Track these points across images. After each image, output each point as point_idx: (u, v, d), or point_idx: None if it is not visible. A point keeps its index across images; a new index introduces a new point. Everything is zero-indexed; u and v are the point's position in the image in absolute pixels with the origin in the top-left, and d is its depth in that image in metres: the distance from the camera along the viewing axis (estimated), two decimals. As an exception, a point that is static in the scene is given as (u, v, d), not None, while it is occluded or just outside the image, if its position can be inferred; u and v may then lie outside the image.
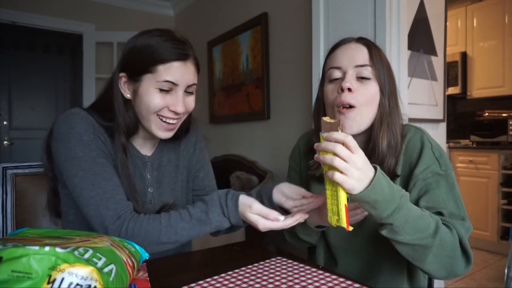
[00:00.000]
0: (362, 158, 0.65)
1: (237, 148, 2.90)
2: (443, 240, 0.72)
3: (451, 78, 3.73)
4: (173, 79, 0.81)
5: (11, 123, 4.51)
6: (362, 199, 0.66)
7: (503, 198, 3.13)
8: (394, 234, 0.71)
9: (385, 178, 0.68)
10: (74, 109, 0.85)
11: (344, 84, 0.82)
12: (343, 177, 0.64)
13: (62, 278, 0.45)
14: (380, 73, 0.84)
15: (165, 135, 0.87)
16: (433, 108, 1.78)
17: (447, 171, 0.82)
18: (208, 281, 0.73)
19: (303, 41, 2.15)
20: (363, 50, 0.85)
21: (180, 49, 0.82)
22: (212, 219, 0.80)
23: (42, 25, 3.36)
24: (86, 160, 0.80)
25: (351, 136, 0.64)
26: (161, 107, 0.83)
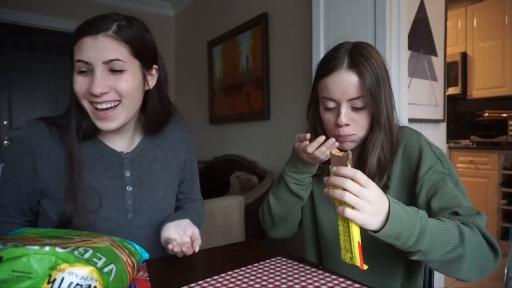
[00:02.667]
0: (375, 191, 0.63)
1: (237, 148, 2.90)
2: (470, 242, 0.69)
3: (451, 78, 3.73)
4: (83, 58, 0.73)
5: (11, 123, 4.50)
6: (386, 235, 0.64)
7: (503, 198, 3.13)
8: (425, 256, 0.68)
9: (399, 205, 0.66)
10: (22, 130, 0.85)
11: (341, 121, 0.83)
12: (355, 213, 0.62)
13: (62, 278, 0.45)
14: (373, 98, 0.81)
15: (104, 126, 0.79)
16: (433, 108, 1.78)
17: (450, 169, 0.83)
18: (208, 281, 0.73)
19: (303, 41, 2.15)
20: (354, 80, 0.81)
21: (91, 24, 0.75)
22: None
23: (42, 25, 3.36)
24: (7, 168, 0.85)
25: (360, 171, 0.62)
26: (83, 92, 0.76)
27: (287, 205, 0.95)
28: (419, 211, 0.69)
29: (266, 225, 1.02)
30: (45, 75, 4.66)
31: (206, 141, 3.36)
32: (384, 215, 0.63)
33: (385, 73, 0.85)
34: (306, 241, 1.04)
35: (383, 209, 0.63)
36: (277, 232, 1.02)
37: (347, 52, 0.83)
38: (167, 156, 0.96)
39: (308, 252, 1.03)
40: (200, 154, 3.34)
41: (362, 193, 0.61)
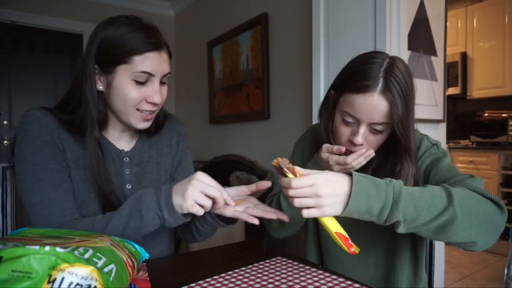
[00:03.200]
0: (321, 183, 0.62)
1: (237, 148, 2.90)
2: (463, 200, 0.66)
3: (451, 78, 3.73)
4: (150, 70, 0.79)
5: (11, 123, 4.51)
6: (353, 212, 0.63)
7: (503, 198, 3.13)
8: (411, 225, 0.65)
9: (367, 178, 0.65)
10: (30, 111, 0.81)
11: (357, 141, 0.81)
12: (312, 211, 0.63)
13: (62, 278, 0.45)
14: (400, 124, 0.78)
15: (143, 126, 0.85)
16: (433, 108, 1.78)
17: (444, 152, 0.85)
18: (208, 281, 0.73)
19: (303, 41, 2.15)
20: (384, 106, 0.77)
21: (154, 38, 0.80)
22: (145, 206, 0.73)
23: (42, 25, 3.36)
24: (36, 165, 0.77)
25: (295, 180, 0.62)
26: (139, 100, 0.81)
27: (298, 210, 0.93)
28: (392, 180, 0.66)
29: (272, 227, 1.00)
30: (45, 75, 4.67)
31: (206, 141, 3.36)
32: (343, 200, 0.63)
33: (413, 96, 0.82)
34: (308, 241, 1.04)
35: (341, 195, 0.63)
36: (283, 234, 1.00)
37: (383, 73, 0.78)
38: (162, 155, 0.97)
39: (309, 252, 1.03)
40: (200, 154, 3.34)
41: (307, 193, 0.62)
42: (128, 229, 0.74)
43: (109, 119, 0.88)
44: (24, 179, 0.77)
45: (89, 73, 0.80)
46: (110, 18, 0.82)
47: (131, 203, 0.74)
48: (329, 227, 0.64)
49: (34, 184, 0.76)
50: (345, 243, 0.64)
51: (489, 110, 3.65)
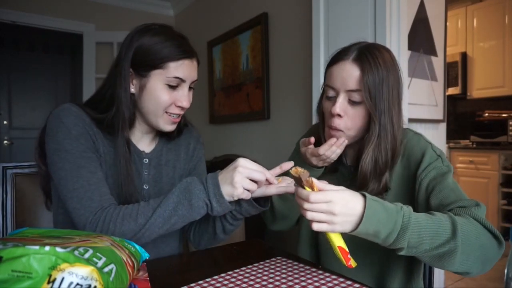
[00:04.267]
0: (338, 202, 0.63)
1: (237, 148, 2.90)
2: (465, 234, 0.67)
3: (451, 78, 3.73)
4: (182, 76, 0.85)
5: (11, 123, 4.51)
6: (361, 234, 0.65)
7: (503, 199, 3.13)
8: (412, 250, 0.67)
9: (379, 203, 0.66)
10: (65, 105, 0.85)
11: (334, 110, 0.83)
12: (322, 226, 0.64)
13: (62, 278, 0.45)
14: (371, 95, 0.81)
15: (170, 128, 0.90)
16: (433, 108, 1.78)
17: (449, 166, 0.83)
18: (208, 281, 0.73)
19: (303, 41, 2.15)
20: (356, 72, 0.82)
21: (188, 47, 0.87)
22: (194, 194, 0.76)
23: (42, 25, 3.36)
24: (73, 153, 0.80)
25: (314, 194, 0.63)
26: (169, 103, 0.86)
27: (290, 204, 0.95)
28: (403, 207, 0.68)
29: (266, 219, 1.03)
30: (45, 75, 4.67)
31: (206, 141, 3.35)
32: (356, 219, 0.64)
33: (394, 78, 0.84)
34: (301, 237, 1.04)
35: (353, 215, 0.64)
36: (277, 226, 1.03)
37: (358, 48, 0.85)
38: (179, 160, 1.01)
39: (301, 249, 1.03)
40: (200, 154, 3.34)
41: (322, 209, 0.63)
42: (175, 216, 0.76)
43: (136, 121, 0.92)
44: (62, 167, 0.79)
45: (124, 76, 0.85)
46: (145, 26, 0.88)
47: (180, 192, 0.77)
48: (333, 241, 0.66)
49: (73, 171, 0.79)
50: (344, 257, 0.66)
51: (489, 110, 3.65)
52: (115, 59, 0.88)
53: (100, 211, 0.77)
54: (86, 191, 0.78)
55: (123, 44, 0.87)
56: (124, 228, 0.75)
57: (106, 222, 0.75)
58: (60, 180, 0.80)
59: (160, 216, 0.76)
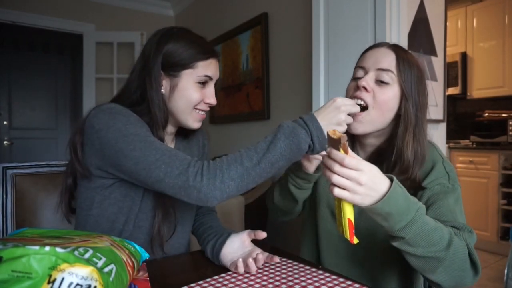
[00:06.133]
0: (367, 174, 0.63)
1: (237, 148, 2.88)
2: (455, 252, 0.70)
3: (451, 78, 3.73)
4: (211, 74, 0.91)
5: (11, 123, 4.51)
6: (374, 212, 0.65)
7: (503, 198, 3.13)
8: (406, 247, 0.69)
9: (402, 190, 0.67)
10: (107, 103, 0.86)
11: (360, 83, 0.83)
12: (344, 193, 0.63)
13: (62, 278, 0.45)
14: (407, 79, 0.82)
15: (198, 125, 0.94)
16: (433, 108, 1.77)
17: (454, 186, 0.82)
18: (208, 281, 0.74)
19: (303, 41, 2.15)
20: (391, 55, 0.84)
21: (212, 47, 0.94)
22: (298, 133, 0.75)
23: (42, 25, 3.36)
24: (140, 134, 0.79)
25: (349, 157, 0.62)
26: (199, 100, 0.90)
27: (286, 202, 0.99)
28: (419, 203, 0.69)
29: (269, 208, 1.08)
30: (45, 75, 4.67)
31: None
32: (377, 196, 0.64)
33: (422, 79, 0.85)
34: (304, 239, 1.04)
35: (377, 191, 0.64)
36: (277, 217, 1.07)
37: (392, 44, 0.88)
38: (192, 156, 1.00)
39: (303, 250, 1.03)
40: (200, 154, 3.34)
41: (350, 176, 0.62)
42: (282, 160, 0.75)
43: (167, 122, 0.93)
44: (135, 148, 0.77)
45: (155, 78, 0.88)
46: (167, 30, 0.92)
47: (286, 137, 0.75)
48: (345, 212, 0.65)
49: (149, 147, 0.77)
50: (350, 231, 0.65)
51: (489, 110, 3.65)
52: (139, 62, 0.91)
53: (196, 164, 0.75)
54: (170, 155, 0.76)
55: (148, 48, 0.90)
56: (232, 173, 0.72)
57: (211, 170, 0.73)
58: (137, 161, 0.76)
59: (269, 160, 0.74)
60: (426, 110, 0.87)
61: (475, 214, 3.19)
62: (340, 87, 1.59)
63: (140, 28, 3.59)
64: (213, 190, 0.71)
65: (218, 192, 0.71)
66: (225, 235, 0.89)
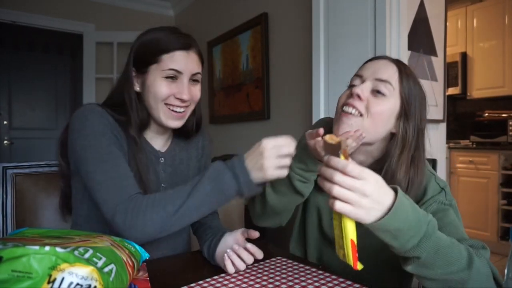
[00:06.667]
0: (372, 183, 0.56)
1: (237, 148, 2.90)
2: (479, 271, 0.62)
3: (451, 78, 3.73)
4: (177, 67, 0.86)
5: (11, 123, 4.50)
6: (382, 228, 0.57)
7: (503, 199, 3.12)
8: (422, 269, 0.60)
9: (409, 201, 0.60)
10: (89, 105, 0.87)
11: (354, 90, 0.77)
12: (347, 207, 0.55)
13: (62, 278, 0.45)
14: (410, 95, 0.77)
15: (174, 124, 0.90)
16: (433, 108, 1.77)
17: (451, 201, 0.78)
18: (208, 281, 0.74)
19: (303, 41, 2.15)
20: (392, 67, 0.79)
21: (182, 39, 0.88)
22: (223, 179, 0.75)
23: (42, 25, 3.36)
24: (100, 147, 0.81)
25: (353, 163, 0.55)
26: (167, 95, 0.87)
27: (285, 200, 0.87)
28: (429, 215, 0.62)
29: (254, 212, 0.96)
30: (45, 75, 4.67)
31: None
32: (383, 210, 0.56)
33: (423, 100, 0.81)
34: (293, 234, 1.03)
35: (383, 204, 0.57)
36: (264, 222, 0.95)
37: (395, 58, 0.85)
38: (191, 157, 1.03)
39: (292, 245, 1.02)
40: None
41: (354, 186, 0.55)
42: (206, 205, 0.75)
43: (150, 121, 0.93)
44: (90, 161, 0.81)
45: (127, 78, 0.89)
46: (147, 29, 0.92)
47: (210, 181, 0.75)
48: (347, 231, 0.57)
49: (100, 165, 0.80)
50: (353, 255, 0.57)
51: (489, 110, 3.65)
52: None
53: (127, 200, 0.76)
54: (113, 183, 0.78)
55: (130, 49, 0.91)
56: (154, 216, 0.73)
57: (135, 211, 0.74)
58: (88, 174, 0.80)
59: (192, 205, 0.74)
60: (424, 136, 0.80)
61: (475, 214, 3.19)
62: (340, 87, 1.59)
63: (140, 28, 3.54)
64: (135, 232, 0.73)
65: (139, 234, 0.73)
66: (219, 234, 0.89)
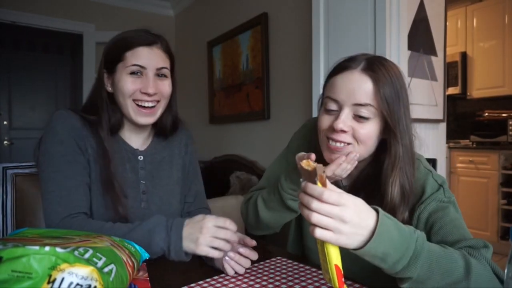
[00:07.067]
0: (351, 208, 0.54)
1: (237, 148, 2.90)
2: (478, 277, 0.60)
3: (451, 78, 3.73)
4: (140, 62, 0.88)
5: (11, 123, 4.50)
6: (368, 254, 0.56)
7: (503, 198, 3.13)
8: (419, 285, 0.59)
9: (392, 221, 0.58)
10: (59, 110, 0.91)
11: (337, 125, 0.72)
12: (327, 234, 0.54)
13: (62, 278, 0.45)
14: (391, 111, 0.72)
15: (144, 120, 0.91)
16: (433, 108, 1.77)
17: (450, 198, 0.75)
18: (208, 281, 0.74)
19: (303, 41, 2.15)
20: (367, 84, 0.72)
21: (144, 36, 0.91)
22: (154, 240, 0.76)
23: (42, 25, 3.36)
24: (56, 157, 0.84)
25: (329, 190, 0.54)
26: (133, 90, 0.89)
27: (278, 216, 0.86)
28: (416, 231, 0.60)
29: (248, 223, 0.96)
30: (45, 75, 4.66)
31: (206, 141, 3.36)
32: (365, 234, 0.55)
33: (406, 95, 0.75)
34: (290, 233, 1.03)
35: (365, 228, 0.55)
36: (259, 232, 0.96)
37: (366, 58, 0.75)
38: (173, 156, 1.05)
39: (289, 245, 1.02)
40: (200, 154, 3.33)
41: (332, 213, 0.54)
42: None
43: (124, 120, 0.96)
44: (44, 169, 0.85)
45: (99, 79, 0.93)
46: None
47: (142, 232, 0.77)
48: (330, 257, 0.56)
49: (51, 174, 0.83)
50: (339, 279, 0.56)
51: (489, 110, 3.65)
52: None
53: (68, 219, 0.80)
54: (57, 195, 0.82)
55: None
56: None
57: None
58: (40, 182, 0.85)
59: None
60: (411, 127, 0.77)
61: (475, 214, 3.19)
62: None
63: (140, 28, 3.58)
64: None
65: None
66: None
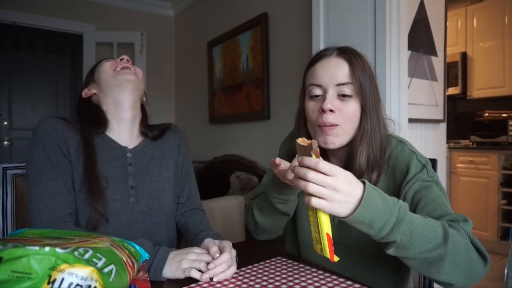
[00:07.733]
0: (342, 179, 0.61)
1: (237, 148, 2.90)
2: (455, 244, 0.66)
3: (451, 78, 3.73)
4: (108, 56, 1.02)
5: (11, 123, 4.50)
6: (356, 220, 0.63)
7: (503, 198, 3.12)
8: (402, 251, 0.65)
9: (377, 191, 0.65)
10: (43, 118, 0.94)
11: (325, 106, 0.80)
12: (322, 202, 0.61)
13: (62, 279, 0.45)
14: (363, 89, 0.81)
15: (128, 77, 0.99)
16: (433, 108, 1.78)
17: (434, 177, 0.80)
18: (208, 281, 0.74)
19: (303, 41, 2.15)
20: (344, 66, 0.82)
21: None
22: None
23: (42, 25, 3.36)
24: (38, 161, 0.88)
25: (323, 161, 0.61)
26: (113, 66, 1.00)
27: (272, 220, 0.92)
28: (399, 201, 0.66)
29: (250, 229, 1.01)
30: (45, 75, 4.66)
31: (206, 141, 3.36)
32: (355, 202, 0.62)
33: (373, 77, 0.85)
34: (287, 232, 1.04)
35: (354, 197, 0.62)
36: (262, 237, 1.00)
37: (337, 47, 0.86)
38: (164, 155, 1.07)
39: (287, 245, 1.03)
40: (200, 154, 3.34)
41: (326, 182, 0.60)
42: None
43: (111, 120, 0.99)
44: (29, 174, 0.88)
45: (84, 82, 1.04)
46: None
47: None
48: (323, 226, 0.62)
49: (35, 177, 0.87)
50: (330, 248, 0.62)
51: (489, 110, 3.65)
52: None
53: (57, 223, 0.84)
54: (42, 197, 0.85)
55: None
56: None
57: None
58: (26, 185, 0.89)
59: None
60: (380, 108, 0.86)
61: (475, 214, 3.19)
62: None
63: (140, 28, 3.59)
64: None
65: None
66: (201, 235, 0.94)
